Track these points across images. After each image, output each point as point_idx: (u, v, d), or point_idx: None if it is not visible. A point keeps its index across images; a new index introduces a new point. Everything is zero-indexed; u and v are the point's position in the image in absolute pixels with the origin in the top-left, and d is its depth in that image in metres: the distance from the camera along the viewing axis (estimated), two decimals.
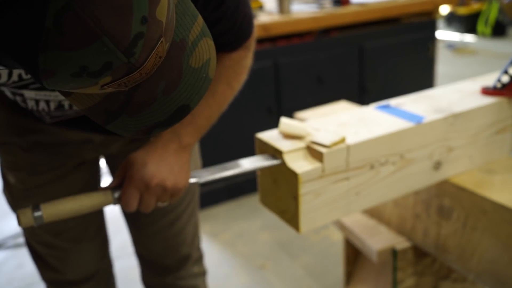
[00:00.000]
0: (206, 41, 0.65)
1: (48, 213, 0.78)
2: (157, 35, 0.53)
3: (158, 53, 0.55)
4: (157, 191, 0.85)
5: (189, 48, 0.62)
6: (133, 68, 0.53)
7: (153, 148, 0.88)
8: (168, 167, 0.87)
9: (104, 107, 0.60)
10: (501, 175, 1.09)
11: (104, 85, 0.54)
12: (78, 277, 1.16)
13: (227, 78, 0.95)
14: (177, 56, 0.61)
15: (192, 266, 1.26)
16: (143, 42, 0.52)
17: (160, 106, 0.62)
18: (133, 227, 1.23)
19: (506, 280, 1.01)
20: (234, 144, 2.50)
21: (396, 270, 1.28)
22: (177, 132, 0.90)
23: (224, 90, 0.96)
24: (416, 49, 2.99)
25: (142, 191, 0.85)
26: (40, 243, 1.11)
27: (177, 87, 0.62)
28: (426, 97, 1.12)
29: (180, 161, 0.89)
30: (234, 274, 2.07)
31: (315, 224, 0.93)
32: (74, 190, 1.07)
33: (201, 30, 0.64)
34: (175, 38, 0.61)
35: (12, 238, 2.43)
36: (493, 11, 6.13)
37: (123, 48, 0.50)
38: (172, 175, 0.86)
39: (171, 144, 0.89)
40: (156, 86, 0.60)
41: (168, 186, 0.86)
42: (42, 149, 1.00)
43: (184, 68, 0.62)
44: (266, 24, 2.38)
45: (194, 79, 0.63)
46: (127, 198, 0.84)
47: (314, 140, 0.90)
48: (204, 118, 0.94)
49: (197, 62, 0.63)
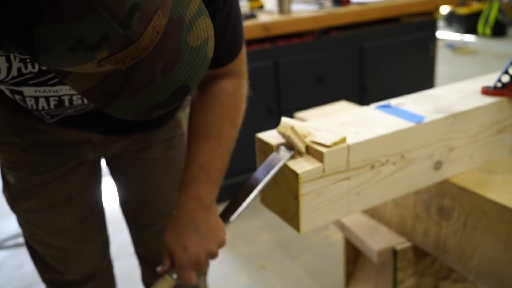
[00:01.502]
0: (203, 19, 0.64)
1: None
2: (153, 7, 0.53)
3: (155, 27, 0.54)
4: (207, 260, 0.90)
5: (187, 26, 0.61)
6: (130, 41, 0.52)
7: (183, 225, 0.89)
8: (205, 237, 0.88)
9: (102, 88, 0.59)
10: (501, 175, 1.09)
11: (101, 60, 0.53)
12: (78, 277, 1.16)
13: (229, 118, 0.93)
14: (175, 34, 0.60)
15: None
16: (140, 13, 0.51)
17: (159, 86, 0.61)
18: (134, 228, 1.23)
19: (506, 280, 1.00)
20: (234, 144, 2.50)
21: (396, 270, 1.28)
22: (198, 197, 0.89)
23: (230, 133, 0.93)
24: (416, 49, 2.99)
25: (196, 268, 0.89)
26: (40, 244, 1.11)
27: (176, 67, 0.61)
28: (426, 97, 1.12)
29: (210, 223, 0.90)
30: (234, 274, 2.07)
31: (316, 224, 0.93)
32: (74, 191, 1.07)
33: (198, 8, 0.63)
34: (172, 16, 0.60)
35: (12, 238, 2.43)
36: (493, 11, 6.13)
37: (119, 20, 0.50)
38: (212, 242, 0.89)
39: (196, 212, 0.89)
40: (154, 65, 0.59)
41: (215, 251, 0.89)
42: (41, 149, 1.00)
43: (182, 47, 0.61)
44: (266, 24, 2.38)
45: (193, 58, 0.62)
46: (187, 280, 0.89)
47: (314, 140, 0.90)
48: (218, 170, 0.92)
49: (195, 41, 0.62)
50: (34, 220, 1.07)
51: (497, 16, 6.13)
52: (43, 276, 1.18)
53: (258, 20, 2.40)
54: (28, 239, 1.13)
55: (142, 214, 1.17)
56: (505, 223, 0.98)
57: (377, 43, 2.81)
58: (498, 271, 1.02)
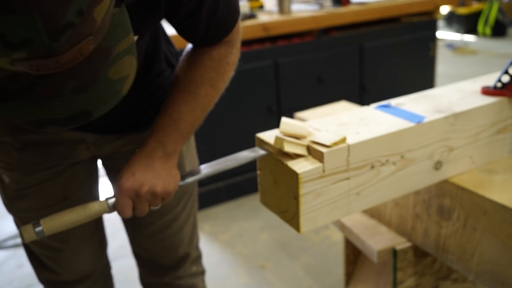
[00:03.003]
0: (130, 59, 0.65)
1: (48, 227, 0.84)
2: (87, 32, 0.54)
3: (81, 49, 0.55)
4: (148, 197, 0.89)
5: (112, 59, 0.63)
6: (52, 53, 0.53)
7: (139, 158, 0.90)
8: (155, 174, 0.89)
9: (6, 85, 0.60)
10: (501, 175, 1.09)
11: (16, 60, 0.53)
12: (74, 277, 1.16)
13: (210, 79, 0.94)
14: (98, 61, 0.62)
15: (191, 265, 1.26)
16: (72, 32, 0.52)
17: (64, 103, 0.62)
18: (131, 228, 1.23)
19: (506, 280, 1.00)
20: (234, 144, 2.49)
21: (396, 270, 1.28)
22: (161, 141, 0.91)
23: (208, 93, 0.95)
24: (416, 49, 2.99)
25: (133, 199, 0.88)
26: (36, 244, 1.11)
27: (87, 91, 0.62)
28: (426, 97, 1.12)
29: (166, 167, 0.91)
30: (234, 274, 2.07)
31: (316, 224, 0.92)
32: (69, 191, 1.07)
33: (129, 47, 0.65)
34: (102, 44, 0.61)
35: (12, 238, 2.43)
36: (493, 11, 6.13)
37: (50, 31, 0.51)
38: (160, 181, 0.89)
39: (156, 152, 0.91)
40: (65, 82, 0.60)
41: (158, 191, 0.89)
42: (35, 149, 1.00)
43: (101, 76, 0.62)
44: (266, 24, 2.38)
45: (107, 89, 0.64)
46: (120, 207, 0.88)
47: (314, 140, 0.90)
48: (187, 124, 0.94)
49: (115, 75, 0.64)
50: (29, 220, 1.07)
51: (497, 16, 6.13)
52: (39, 276, 1.18)
53: (258, 20, 2.40)
54: None
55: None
56: (505, 223, 0.98)
57: (377, 43, 2.81)
58: (498, 271, 1.02)
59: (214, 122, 2.41)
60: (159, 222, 1.16)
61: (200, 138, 2.33)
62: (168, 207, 1.15)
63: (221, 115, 2.42)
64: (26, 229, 0.83)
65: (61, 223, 0.85)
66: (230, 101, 2.42)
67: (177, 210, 1.17)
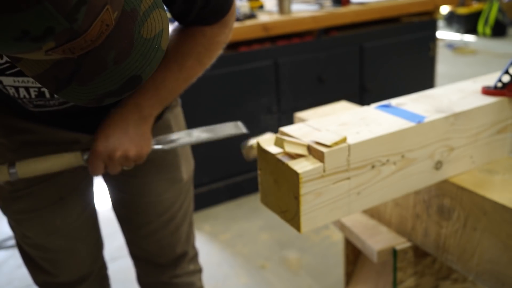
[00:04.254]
0: (159, 12, 0.65)
1: (22, 170, 0.86)
2: (101, 2, 0.54)
3: (104, 20, 0.55)
4: (121, 160, 0.91)
5: (141, 18, 0.63)
6: (76, 34, 0.53)
7: (114, 120, 0.91)
8: (128, 138, 0.91)
9: (53, 74, 0.61)
10: (501, 175, 1.09)
11: (48, 50, 0.54)
12: (70, 279, 1.15)
13: (197, 54, 0.95)
14: (128, 25, 0.61)
15: (188, 264, 1.26)
16: (86, 8, 0.52)
17: (111, 75, 0.62)
18: (127, 228, 1.22)
19: (506, 280, 1.00)
20: (234, 144, 2.49)
21: (396, 270, 1.28)
22: (138, 104, 0.92)
23: (193, 66, 0.96)
24: (416, 49, 2.99)
25: (106, 162, 0.91)
26: (31, 246, 1.10)
27: (128, 57, 0.62)
28: (427, 96, 1.12)
29: (140, 131, 0.92)
30: (234, 274, 2.07)
31: (316, 224, 0.92)
32: (64, 191, 1.06)
33: (154, 1, 0.64)
34: (126, 7, 0.60)
35: (12, 238, 2.43)
36: (493, 11, 6.13)
37: (64, 13, 0.51)
38: (133, 145, 0.91)
39: (131, 115, 0.92)
40: (106, 54, 0.60)
41: (131, 155, 0.91)
42: (30, 150, 0.99)
43: (135, 38, 0.62)
44: (266, 23, 2.38)
45: (146, 49, 0.63)
46: (93, 168, 0.91)
47: (315, 140, 0.90)
48: (168, 91, 0.95)
49: (149, 33, 0.64)
50: (24, 222, 1.07)
51: (497, 16, 6.13)
52: (35, 278, 1.17)
53: (258, 20, 2.40)
54: (20, 241, 1.12)
55: (135, 214, 1.17)
56: (505, 223, 0.98)
57: (377, 43, 2.81)
58: (498, 271, 1.02)
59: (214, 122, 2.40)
60: (156, 222, 1.16)
61: None
62: (164, 207, 1.15)
63: (221, 115, 2.42)
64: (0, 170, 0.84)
65: (35, 168, 0.87)
66: (230, 101, 2.42)
67: (174, 210, 1.17)
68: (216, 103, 2.39)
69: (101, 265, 1.24)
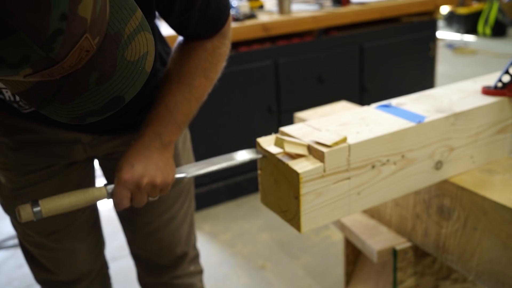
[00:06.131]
0: (144, 35, 0.65)
1: (46, 208, 0.83)
2: (79, 31, 0.54)
3: (83, 47, 0.56)
4: (148, 188, 0.90)
5: (125, 41, 0.63)
6: (53, 62, 0.54)
7: (137, 149, 0.91)
8: (154, 165, 0.90)
9: (36, 92, 0.62)
10: (501, 175, 1.09)
11: (26, 75, 0.55)
12: (71, 277, 1.16)
13: (203, 70, 0.96)
14: (111, 48, 0.62)
15: (188, 265, 1.26)
16: (63, 38, 0.52)
17: (93, 96, 0.63)
18: (128, 228, 1.22)
19: (506, 280, 1.00)
20: (234, 144, 2.49)
21: (396, 270, 1.28)
22: (157, 132, 0.92)
23: (202, 83, 0.96)
24: (416, 49, 2.99)
25: (133, 191, 0.89)
26: (32, 244, 1.11)
27: (111, 79, 0.63)
28: (427, 96, 1.12)
29: (164, 158, 0.92)
30: (234, 274, 2.07)
31: (316, 224, 0.93)
32: (65, 191, 1.06)
33: (139, 24, 0.65)
34: (109, 31, 0.61)
35: (12, 238, 2.43)
36: (493, 11, 6.13)
37: (40, 43, 0.51)
38: (159, 172, 0.90)
39: (153, 143, 0.91)
40: (88, 76, 0.61)
41: (157, 182, 0.90)
42: (31, 149, 1.00)
43: (118, 61, 0.63)
44: (266, 24, 2.38)
45: (129, 72, 0.64)
46: (118, 198, 0.88)
47: (315, 140, 0.90)
48: (183, 115, 0.95)
49: (133, 56, 0.64)
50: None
51: (497, 16, 6.13)
52: (36, 276, 1.17)
53: (258, 20, 2.40)
54: (22, 239, 1.13)
55: (135, 214, 1.17)
56: (505, 223, 0.98)
57: (377, 43, 2.81)
58: (498, 271, 1.02)
59: (214, 122, 2.41)
60: (156, 222, 1.16)
61: (200, 138, 2.33)
62: (165, 206, 1.15)
63: (221, 115, 2.42)
64: (24, 208, 0.82)
65: (59, 205, 0.85)
66: (230, 101, 2.42)
67: (175, 210, 1.17)
68: (216, 103, 2.38)
69: (102, 264, 1.25)
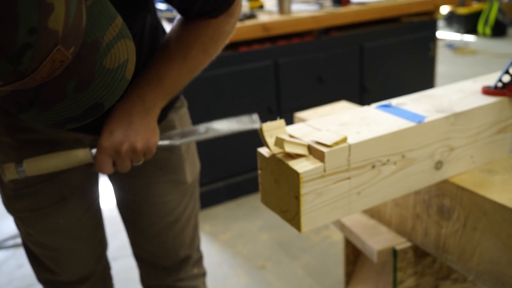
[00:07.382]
0: (124, 42, 0.65)
1: (30, 168, 0.85)
2: (50, 44, 0.54)
3: (55, 59, 0.55)
4: (129, 154, 0.90)
5: (103, 49, 0.63)
6: (22, 75, 0.54)
7: (118, 115, 0.90)
8: (134, 131, 0.89)
9: (14, 99, 0.62)
10: (501, 175, 1.09)
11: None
12: (73, 278, 1.16)
13: (202, 44, 0.93)
14: (89, 57, 0.61)
15: (192, 267, 1.25)
16: (32, 52, 0.52)
17: (72, 103, 0.63)
18: (131, 229, 1.22)
19: (506, 280, 1.00)
20: (234, 144, 2.50)
21: (396, 270, 1.28)
22: (141, 95, 0.91)
23: (198, 56, 0.94)
24: (416, 49, 2.99)
25: (114, 157, 0.89)
26: (35, 244, 1.11)
27: (89, 87, 0.63)
28: (427, 96, 1.12)
29: (145, 122, 0.91)
30: (234, 274, 2.07)
31: (317, 224, 0.92)
32: (67, 191, 1.06)
33: (119, 32, 0.64)
34: (87, 39, 0.61)
35: (12, 238, 2.43)
36: (493, 11, 6.13)
37: (8, 57, 0.51)
38: (139, 137, 0.89)
39: (135, 107, 0.90)
40: (65, 84, 0.61)
41: (138, 147, 0.89)
42: (32, 148, 0.99)
43: (97, 69, 0.63)
44: (266, 24, 2.38)
45: (109, 79, 0.64)
46: (99, 164, 0.89)
47: (315, 140, 0.90)
48: (171, 82, 0.93)
49: (113, 63, 0.64)
50: (28, 220, 1.07)
51: (497, 16, 6.13)
52: (38, 276, 1.17)
53: (258, 20, 2.40)
54: (24, 239, 1.13)
55: (138, 216, 1.17)
56: (505, 223, 0.98)
57: (377, 43, 2.82)
58: (498, 271, 1.02)
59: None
60: (160, 224, 1.16)
61: None
62: (169, 208, 1.15)
63: (221, 115, 2.42)
64: (8, 167, 0.83)
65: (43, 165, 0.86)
66: (230, 101, 2.42)
67: (178, 212, 1.16)
68: (216, 103, 2.39)
69: (104, 265, 1.24)
